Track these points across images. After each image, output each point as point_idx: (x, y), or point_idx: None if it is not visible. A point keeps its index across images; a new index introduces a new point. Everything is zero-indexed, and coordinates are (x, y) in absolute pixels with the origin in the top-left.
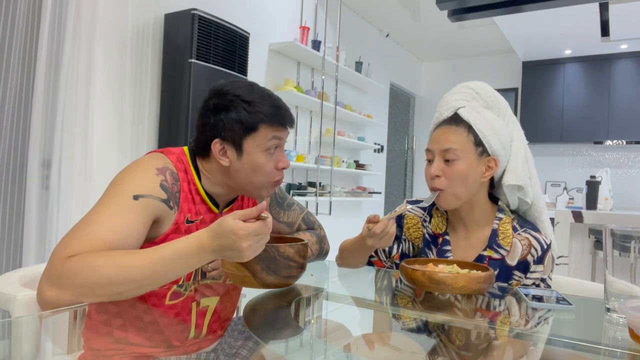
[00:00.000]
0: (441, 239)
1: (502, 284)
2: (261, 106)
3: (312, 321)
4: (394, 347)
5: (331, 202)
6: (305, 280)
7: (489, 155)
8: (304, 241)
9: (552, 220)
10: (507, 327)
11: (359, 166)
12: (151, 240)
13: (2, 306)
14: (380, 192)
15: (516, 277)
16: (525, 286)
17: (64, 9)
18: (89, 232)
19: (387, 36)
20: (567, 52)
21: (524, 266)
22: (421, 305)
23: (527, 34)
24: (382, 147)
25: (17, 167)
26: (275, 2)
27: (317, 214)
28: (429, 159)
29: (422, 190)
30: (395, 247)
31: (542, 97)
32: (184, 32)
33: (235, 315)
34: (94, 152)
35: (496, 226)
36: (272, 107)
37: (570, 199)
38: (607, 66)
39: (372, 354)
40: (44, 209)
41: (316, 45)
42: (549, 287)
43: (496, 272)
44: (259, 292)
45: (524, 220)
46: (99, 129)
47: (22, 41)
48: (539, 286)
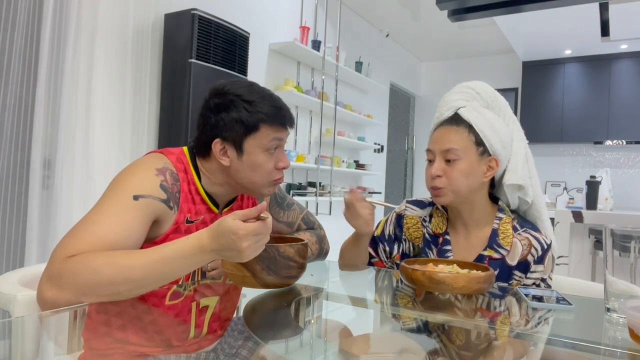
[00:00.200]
0: (441, 239)
1: (502, 284)
2: (262, 106)
3: (312, 321)
4: (394, 347)
5: (331, 202)
6: (305, 280)
7: (489, 155)
8: (304, 241)
9: (552, 220)
10: (507, 327)
11: (359, 166)
12: (151, 240)
13: (2, 306)
14: (380, 192)
15: (516, 277)
16: (525, 286)
17: (64, 9)
18: (89, 232)
19: (387, 36)
20: (567, 52)
21: (524, 266)
22: (421, 305)
23: (527, 34)
24: (382, 147)
25: (18, 167)
26: (275, 2)
27: (317, 214)
28: (429, 159)
29: (422, 190)
30: (395, 247)
31: (542, 97)
32: (184, 32)
33: (235, 315)
34: (94, 152)
35: (496, 226)
36: (273, 107)
37: (570, 199)
38: (607, 66)
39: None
40: (45, 208)
41: (316, 45)
42: (549, 287)
43: (496, 272)
44: (259, 292)
45: (524, 220)
46: (100, 129)
47: (23, 42)
48: (539, 286)
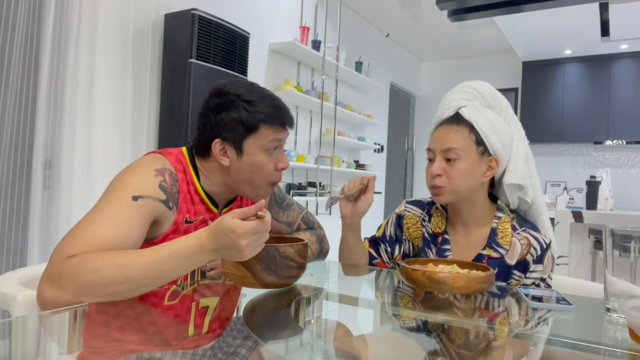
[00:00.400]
0: (440, 238)
1: (502, 284)
2: (262, 106)
3: (312, 321)
4: (394, 347)
5: (329, 198)
6: (305, 280)
7: (490, 154)
8: (304, 241)
9: (552, 220)
10: (507, 327)
11: (359, 166)
12: (150, 240)
13: (2, 306)
14: (380, 192)
15: (515, 277)
16: (525, 286)
17: (65, 9)
18: (89, 233)
19: (387, 36)
20: (567, 52)
21: (523, 266)
22: (421, 305)
23: (527, 34)
24: (382, 147)
25: (18, 168)
26: (275, 2)
27: (317, 214)
28: (430, 158)
29: (422, 190)
30: (397, 248)
31: (542, 97)
32: (184, 32)
33: (235, 315)
34: (95, 152)
35: (495, 225)
36: (273, 107)
37: (570, 199)
38: (607, 66)
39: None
40: (46, 208)
41: (316, 45)
42: (549, 286)
43: (495, 271)
44: (259, 292)
45: (523, 219)
46: (100, 129)
47: (23, 42)
48: (538, 286)
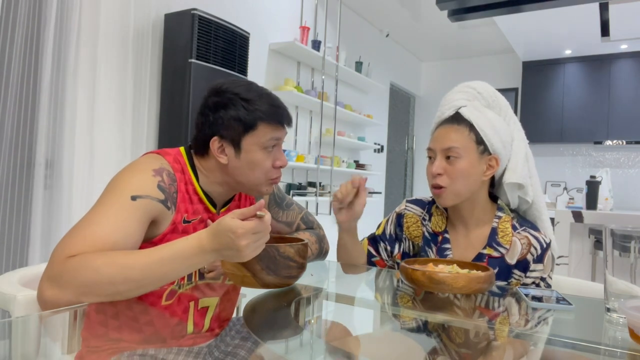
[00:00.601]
0: (441, 237)
1: (502, 284)
2: (260, 104)
3: (312, 321)
4: (394, 347)
5: (331, 202)
6: (305, 280)
7: (490, 154)
8: (304, 241)
9: (552, 220)
10: (507, 327)
11: (359, 166)
12: (149, 240)
13: (2, 306)
14: (380, 192)
15: (516, 276)
16: (525, 285)
17: (65, 10)
18: (89, 233)
19: (387, 36)
20: (567, 52)
21: (523, 265)
22: (421, 305)
23: (527, 34)
24: (382, 147)
25: (18, 168)
26: (275, 2)
27: (317, 214)
28: (430, 157)
29: (422, 190)
30: (396, 246)
31: (542, 97)
32: (184, 32)
33: (235, 315)
34: (96, 152)
35: (495, 224)
36: (271, 105)
37: (570, 199)
38: (607, 66)
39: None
40: (47, 208)
41: (316, 45)
42: (549, 286)
43: (495, 271)
44: (259, 292)
45: (523, 219)
46: (101, 129)
47: (23, 42)
48: (539, 285)
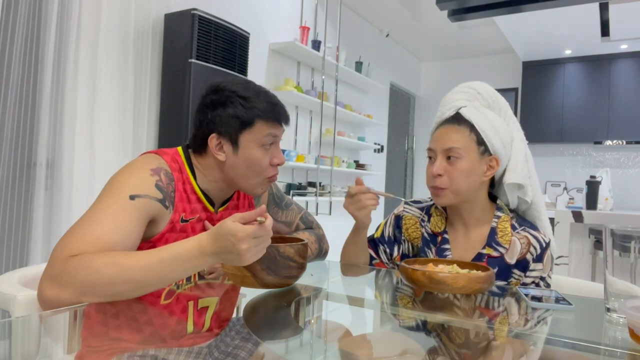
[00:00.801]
0: (440, 238)
1: (502, 284)
2: (257, 102)
3: (312, 321)
4: (394, 347)
5: (331, 202)
6: (305, 280)
7: (490, 154)
8: (304, 241)
9: (552, 220)
10: (507, 327)
11: (359, 166)
12: (148, 239)
13: (2, 306)
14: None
15: (515, 276)
16: (524, 285)
17: (66, 10)
18: (89, 233)
19: (387, 36)
20: (567, 52)
21: (523, 265)
22: (421, 305)
23: (527, 34)
24: (382, 147)
25: (18, 168)
26: (275, 2)
27: (317, 214)
28: (430, 158)
29: (422, 190)
30: (395, 248)
31: (542, 97)
32: (184, 32)
33: (235, 315)
34: (96, 152)
35: (495, 224)
36: (268, 103)
37: (570, 199)
38: (607, 66)
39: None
40: (48, 208)
41: (316, 45)
42: (548, 286)
43: (495, 270)
44: (259, 292)
45: (522, 219)
46: (101, 129)
47: (23, 42)
48: (538, 285)
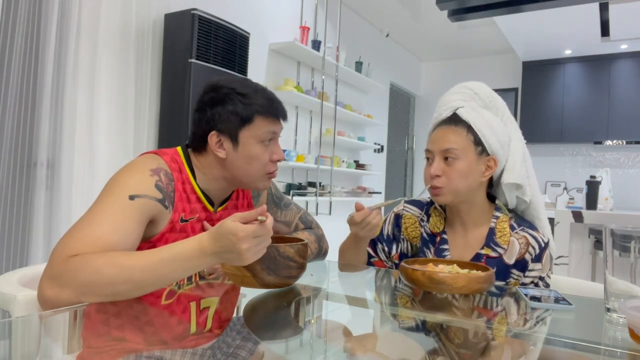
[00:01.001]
0: (439, 238)
1: (501, 284)
2: (256, 98)
3: (312, 321)
4: (393, 347)
5: (331, 202)
6: (305, 280)
7: (488, 154)
8: (303, 241)
9: (552, 220)
10: (506, 327)
11: (359, 166)
12: (147, 239)
13: (2, 306)
14: (380, 192)
15: (514, 276)
16: (524, 285)
17: (66, 10)
18: (89, 233)
19: (387, 36)
20: (567, 52)
21: (522, 265)
22: (421, 305)
23: (527, 34)
24: (382, 147)
25: (18, 168)
26: (275, 2)
27: (317, 214)
28: (428, 159)
29: (422, 190)
30: (394, 247)
31: (542, 97)
32: (184, 32)
33: (235, 315)
34: (96, 152)
35: (493, 225)
36: (266, 99)
37: (570, 199)
38: (607, 66)
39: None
40: (49, 208)
41: (316, 45)
42: (547, 285)
43: (494, 271)
44: (259, 292)
45: (521, 219)
46: (101, 129)
47: (23, 42)
48: (537, 284)
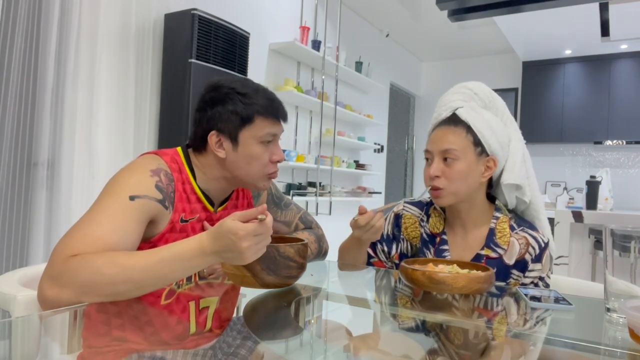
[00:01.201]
0: (439, 239)
1: (501, 284)
2: (256, 98)
3: (312, 321)
4: (393, 347)
5: (331, 202)
6: (305, 280)
7: (487, 155)
8: (304, 241)
9: (552, 220)
10: (506, 327)
11: (359, 166)
12: (148, 239)
13: (2, 306)
14: (380, 192)
15: (514, 276)
16: (524, 285)
17: (66, 10)
18: (89, 233)
19: (387, 36)
20: (567, 52)
21: (522, 265)
22: (421, 305)
23: (527, 34)
24: (382, 147)
25: (18, 168)
26: (275, 2)
27: (317, 214)
28: (427, 159)
29: (422, 190)
30: (394, 247)
31: (542, 97)
32: (184, 32)
33: (235, 315)
34: (96, 152)
35: (493, 225)
36: (267, 99)
37: (570, 199)
38: (607, 66)
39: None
40: (48, 208)
41: (316, 45)
42: (547, 286)
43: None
44: (259, 292)
45: (521, 219)
46: (101, 129)
47: (23, 42)
48: (537, 285)
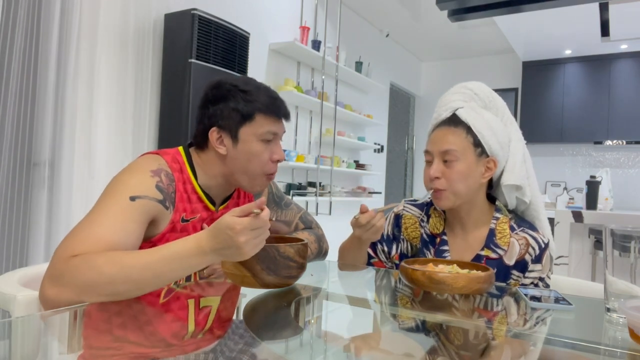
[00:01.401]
0: (439, 239)
1: (501, 284)
2: (258, 96)
3: (312, 321)
4: (393, 347)
5: (331, 202)
6: (305, 280)
7: (487, 155)
8: (303, 241)
9: (552, 220)
10: (506, 327)
11: (359, 166)
12: (149, 239)
13: (2, 306)
14: (380, 192)
15: (514, 277)
16: (524, 286)
17: (66, 10)
18: (90, 233)
19: (387, 36)
20: (567, 52)
21: (522, 265)
22: (421, 305)
23: (527, 34)
24: (382, 147)
25: (18, 168)
26: (275, 2)
27: (317, 214)
28: (427, 160)
29: (422, 190)
30: (394, 247)
31: (542, 97)
32: (184, 32)
33: (235, 317)
34: (96, 152)
35: (493, 226)
36: (269, 97)
37: (570, 199)
38: (607, 66)
39: (372, 354)
40: (48, 208)
41: (316, 45)
42: (547, 286)
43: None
44: (259, 292)
45: (521, 219)
46: (101, 129)
47: (23, 42)
48: (537, 285)
